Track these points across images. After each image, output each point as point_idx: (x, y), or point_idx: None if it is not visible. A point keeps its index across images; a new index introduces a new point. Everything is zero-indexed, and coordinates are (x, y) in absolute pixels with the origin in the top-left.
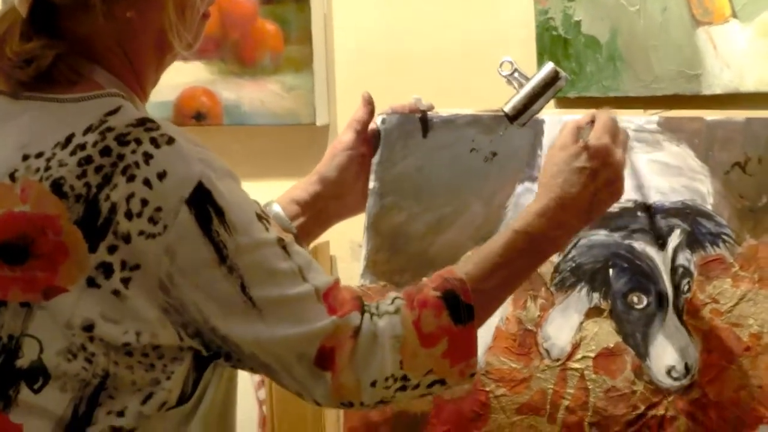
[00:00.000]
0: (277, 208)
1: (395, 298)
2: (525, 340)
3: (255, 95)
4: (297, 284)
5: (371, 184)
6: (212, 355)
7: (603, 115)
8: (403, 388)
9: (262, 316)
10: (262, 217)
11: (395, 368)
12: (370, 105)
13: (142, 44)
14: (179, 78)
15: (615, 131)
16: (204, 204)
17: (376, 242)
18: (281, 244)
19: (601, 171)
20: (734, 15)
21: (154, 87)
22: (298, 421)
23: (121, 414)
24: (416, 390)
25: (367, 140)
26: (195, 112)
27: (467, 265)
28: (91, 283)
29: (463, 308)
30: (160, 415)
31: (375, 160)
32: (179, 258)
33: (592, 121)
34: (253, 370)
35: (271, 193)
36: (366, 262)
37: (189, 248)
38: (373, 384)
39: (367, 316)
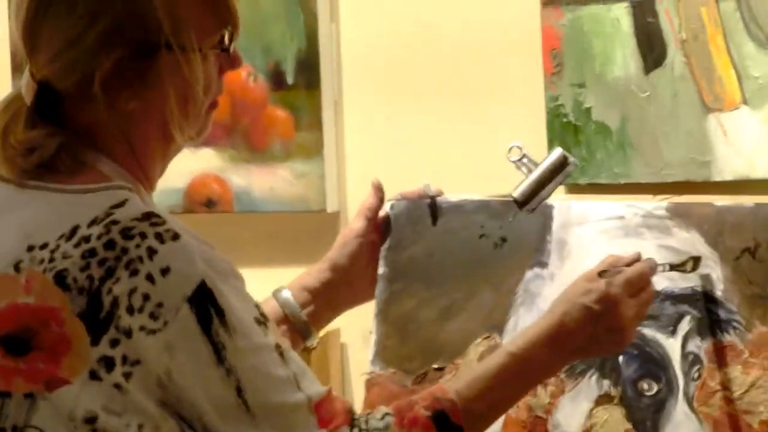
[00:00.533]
0: (287, 295)
1: (385, 414)
2: (535, 428)
3: (265, 182)
4: (292, 392)
5: (380, 270)
6: None
7: (639, 265)
8: None
9: (255, 422)
10: (260, 321)
11: None
12: (380, 192)
13: (146, 134)
14: (190, 165)
15: (639, 286)
16: (205, 303)
17: (385, 328)
18: (279, 350)
19: (604, 318)
20: (745, 102)
21: (161, 176)
22: None
23: None
24: None
25: (378, 227)
26: (206, 199)
27: (459, 382)
28: (94, 375)
29: (452, 429)
30: None
31: (384, 245)
32: (178, 355)
33: (632, 263)
34: None
35: (281, 279)
36: (376, 348)
37: (188, 346)
38: None
39: (356, 431)
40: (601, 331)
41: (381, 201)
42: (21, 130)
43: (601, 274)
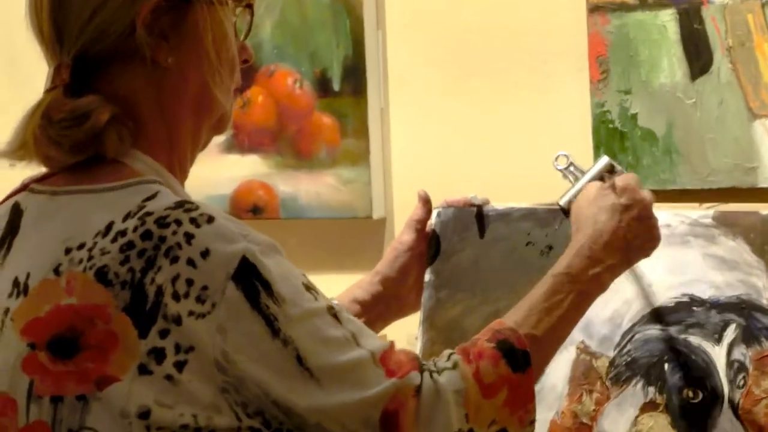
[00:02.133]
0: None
1: (450, 353)
2: None
3: (312, 188)
4: (352, 350)
5: (427, 277)
6: (275, 431)
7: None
8: None
9: (322, 385)
10: (309, 287)
11: (462, 423)
12: (427, 203)
13: (181, 105)
14: (236, 171)
15: (639, 180)
16: (250, 278)
17: (431, 335)
18: (332, 312)
19: (630, 207)
20: None
21: (191, 165)
22: None
23: None
24: None
25: (426, 238)
26: (252, 206)
27: (515, 314)
28: (143, 369)
29: (519, 355)
30: None
31: (430, 253)
32: (231, 335)
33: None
34: None
35: (328, 285)
36: (422, 354)
37: (240, 324)
38: None
39: (426, 374)
40: (632, 222)
41: (429, 212)
42: (67, 101)
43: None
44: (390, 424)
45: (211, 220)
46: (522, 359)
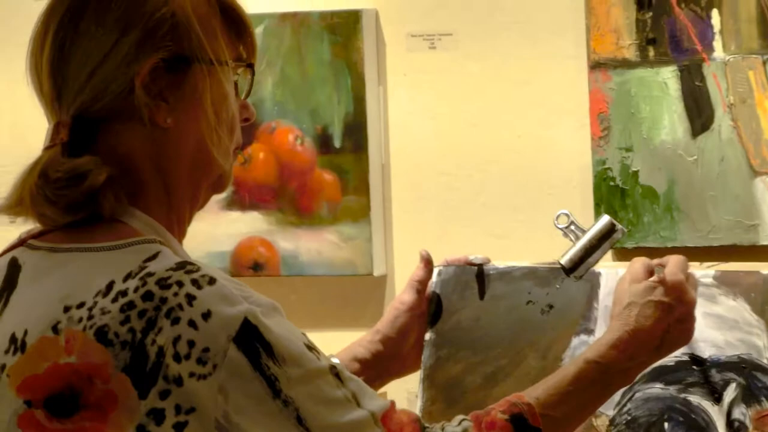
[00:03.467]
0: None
1: (462, 419)
2: None
3: (312, 245)
4: (353, 411)
5: (427, 336)
6: None
7: (675, 255)
8: None
9: None
10: (311, 347)
11: None
12: (429, 264)
13: (180, 165)
14: (237, 228)
15: (687, 271)
16: (251, 340)
17: (431, 393)
18: (333, 372)
19: (676, 307)
20: None
21: (189, 224)
22: None
23: None
24: None
25: (427, 298)
26: (252, 263)
27: (536, 390)
28: (142, 430)
29: (530, 431)
30: None
31: (431, 311)
32: (233, 396)
33: (662, 265)
34: None
35: (328, 342)
36: (421, 413)
37: (242, 386)
38: None
39: None
40: (674, 322)
41: (430, 272)
42: (64, 161)
43: (650, 267)
44: None
45: (212, 281)
46: None
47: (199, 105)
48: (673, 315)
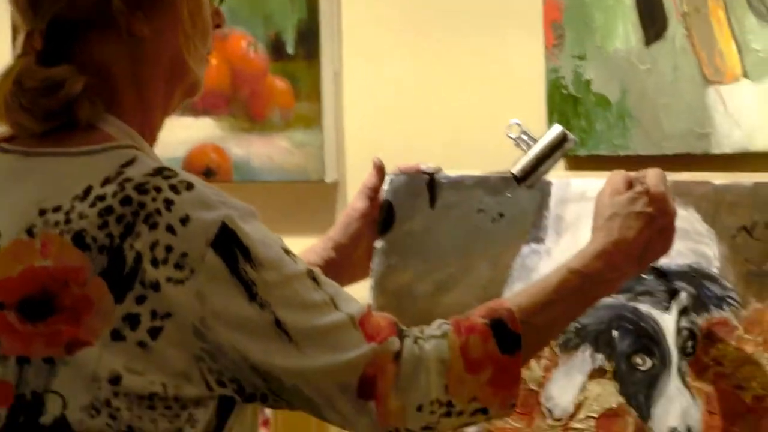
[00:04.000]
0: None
1: (442, 323)
2: (528, 400)
3: (264, 151)
4: (330, 313)
5: (378, 244)
6: (247, 398)
7: (653, 169)
8: (448, 414)
9: (300, 348)
10: (288, 251)
11: (440, 393)
12: (381, 171)
13: (156, 74)
14: (189, 134)
15: (667, 182)
16: (229, 245)
17: (381, 301)
18: (311, 275)
19: (659, 218)
20: (745, 74)
21: (160, 131)
22: None
23: None
24: (461, 417)
25: (379, 206)
26: (204, 168)
27: (518, 297)
28: (116, 335)
29: (510, 337)
30: None
31: (382, 219)
32: (210, 301)
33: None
34: (293, 407)
35: None
36: None
37: (219, 290)
38: (419, 408)
39: (408, 340)
40: (655, 233)
41: (382, 180)
42: (39, 69)
43: (630, 179)
44: (367, 391)
45: (190, 186)
46: (512, 342)
47: (175, 14)
48: (655, 226)
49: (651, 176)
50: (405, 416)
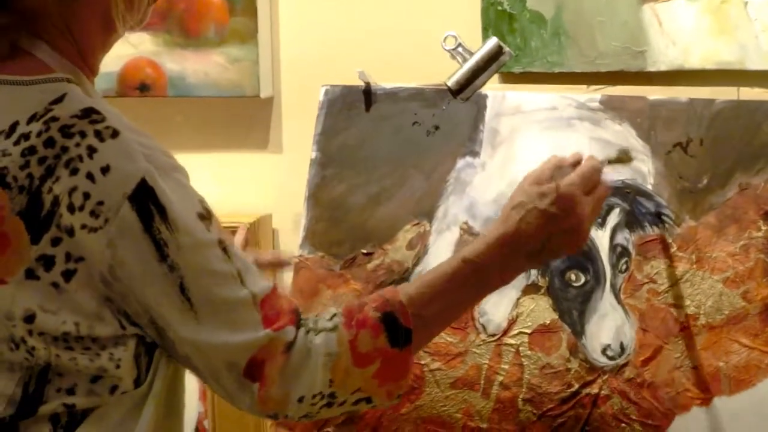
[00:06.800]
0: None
1: (334, 314)
2: (462, 316)
3: (199, 67)
4: (235, 288)
5: (313, 155)
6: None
7: (588, 163)
8: (328, 405)
9: (199, 318)
10: (204, 216)
11: (324, 386)
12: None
13: (88, 27)
14: (124, 49)
15: (592, 183)
16: (146, 201)
17: (315, 213)
18: (222, 245)
19: (562, 219)
20: None
21: (101, 61)
22: None
23: (71, 392)
24: (342, 407)
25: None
26: (139, 83)
27: (411, 286)
28: (30, 274)
29: (401, 332)
30: (115, 398)
31: (317, 130)
32: (120, 253)
33: (576, 164)
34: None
35: (214, 164)
36: (305, 232)
37: (130, 244)
38: (301, 399)
39: (302, 331)
40: (557, 233)
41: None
42: None
43: (557, 170)
44: (253, 373)
45: (115, 134)
46: (403, 336)
47: None
48: (557, 225)
49: (576, 172)
50: (285, 404)
